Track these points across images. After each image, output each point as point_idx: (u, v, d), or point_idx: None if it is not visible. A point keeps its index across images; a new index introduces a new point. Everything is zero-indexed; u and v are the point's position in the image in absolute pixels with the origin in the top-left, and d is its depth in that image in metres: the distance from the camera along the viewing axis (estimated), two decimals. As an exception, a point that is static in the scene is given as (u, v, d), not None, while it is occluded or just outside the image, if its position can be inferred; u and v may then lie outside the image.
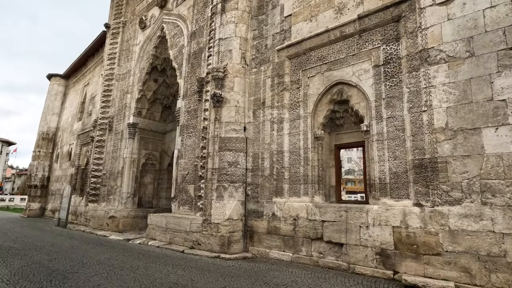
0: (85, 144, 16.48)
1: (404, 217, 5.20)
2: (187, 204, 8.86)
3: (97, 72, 17.75)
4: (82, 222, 13.42)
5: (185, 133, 9.51)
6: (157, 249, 8.12)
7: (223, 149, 7.89)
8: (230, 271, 5.74)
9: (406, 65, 5.62)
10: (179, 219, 8.47)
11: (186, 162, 9.23)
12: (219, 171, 7.80)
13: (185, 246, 8.00)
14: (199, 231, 7.79)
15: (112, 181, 12.68)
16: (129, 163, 12.39)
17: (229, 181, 7.70)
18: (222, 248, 7.20)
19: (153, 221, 9.35)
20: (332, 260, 5.98)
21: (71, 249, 7.96)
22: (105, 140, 13.55)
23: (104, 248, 8.20)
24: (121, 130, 12.95)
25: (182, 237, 8.23)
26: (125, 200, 12.10)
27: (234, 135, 7.95)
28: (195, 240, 7.82)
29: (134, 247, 8.47)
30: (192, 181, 8.80)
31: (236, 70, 8.29)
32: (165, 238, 8.75)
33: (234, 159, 7.83)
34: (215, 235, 7.38)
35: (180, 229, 8.36)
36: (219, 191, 7.69)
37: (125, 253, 7.52)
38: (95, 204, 13.12)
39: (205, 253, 7.27)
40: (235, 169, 7.79)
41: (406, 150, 5.44)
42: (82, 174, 16.51)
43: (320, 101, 6.94)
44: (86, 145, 16.32)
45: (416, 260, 4.98)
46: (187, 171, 9.12)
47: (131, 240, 9.55)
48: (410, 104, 5.47)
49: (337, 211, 6.05)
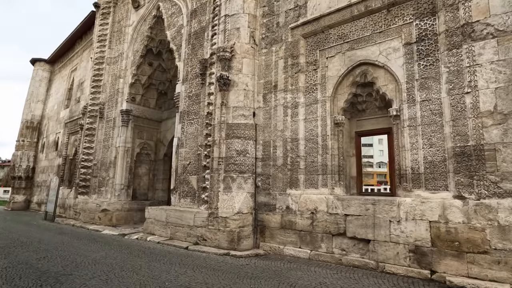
0: (73, 132, 15.48)
1: (444, 211, 4.67)
2: (189, 197, 8.18)
3: (85, 57, 16.64)
4: (71, 216, 12.57)
5: (186, 120, 8.77)
6: (158, 245, 7.44)
7: (231, 137, 7.21)
8: (246, 271, 5.13)
9: (445, 42, 5.02)
10: (181, 212, 7.79)
11: (188, 151, 8.52)
12: (227, 161, 7.13)
13: (189, 242, 7.34)
14: (204, 225, 7.13)
15: (104, 172, 11.85)
16: (122, 153, 11.56)
17: (238, 171, 7.04)
18: (231, 244, 6.58)
19: (152, 214, 8.64)
20: (357, 258, 5.44)
21: (61, 245, 7.20)
22: (96, 128, 12.64)
23: (98, 244, 7.47)
24: (113, 118, 12.07)
25: (185, 232, 7.56)
26: (119, 192, 11.32)
27: (242, 121, 7.26)
28: (200, 236, 7.18)
29: (131, 243, 7.77)
30: (195, 172, 8.11)
31: (244, 50, 7.57)
32: (165, 233, 8.07)
33: (243, 148, 7.16)
34: (223, 230, 6.74)
35: (182, 223, 7.69)
36: (227, 182, 7.03)
37: (123, 250, 6.82)
38: (85, 196, 12.28)
39: (212, 249, 6.64)
40: (244, 158, 7.13)
41: (444, 136, 4.89)
42: (70, 164, 15.56)
43: (341, 83, 6.31)
44: (74, 134, 15.33)
45: (457, 259, 4.47)
46: (188, 161, 8.41)
47: (127, 235, 8.83)
48: (449, 86, 4.90)
49: (363, 204, 5.49)
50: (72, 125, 15.72)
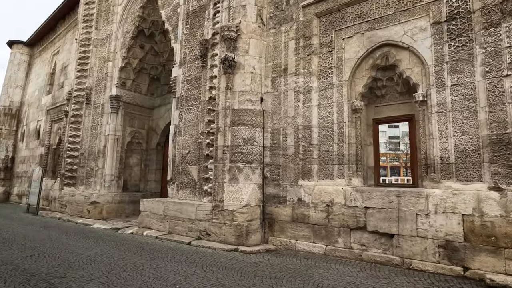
0: (56, 120, 14.49)
1: (478, 203, 4.33)
2: (188, 188, 7.62)
3: (69, 39, 15.52)
4: (57, 208, 11.78)
5: (185, 106, 8.13)
6: (157, 240, 6.88)
7: (237, 124, 6.66)
8: (262, 270, 4.67)
9: (480, 20, 4.62)
10: (181, 205, 7.23)
11: (186, 139, 7.92)
12: (232, 150, 6.59)
13: (190, 236, 6.82)
14: (208, 219, 6.62)
15: (92, 161, 11.08)
16: (112, 142, 10.81)
17: (245, 161, 6.53)
18: (239, 239, 6.11)
19: (148, 207, 8.04)
20: (379, 254, 5.07)
21: (49, 242, 6.54)
22: (82, 115, 11.78)
23: (91, 240, 6.85)
24: (102, 104, 11.25)
25: (186, 226, 7.03)
26: (109, 184, 10.61)
27: (249, 107, 6.72)
28: (203, 230, 6.67)
29: (127, 238, 7.18)
30: (195, 161, 7.54)
31: (251, 30, 6.97)
32: (163, 227, 7.51)
33: (250, 135, 6.63)
34: (229, 224, 6.25)
35: (182, 216, 7.14)
36: (233, 173, 6.51)
37: (119, 246, 6.24)
38: (71, 188, 11.50)
39: (217, 245, 6.15)
40: (252, 147, 6.61)
41: (478, 123, 4.52)
42: (54, 154, 14.61)
43: (359, 66, 5.85)
44: (58, 122, 14.35)
45: (494, 255, 4.16)
46: (187, 150, 7.82)
47: (121, 229, 8.21)
48: (485, 68, 4.51)
49: (386, 196, 5.10)
50: (55, 112, 14.71)
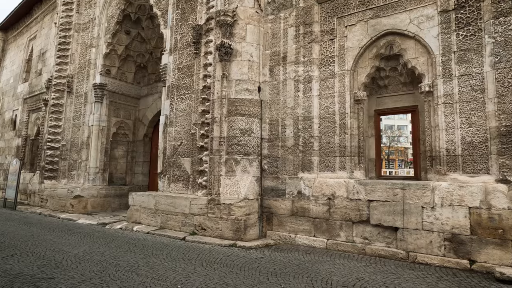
0: (34, 109, 13.68)
1: (486, 196, 4.27)
2: (181, 181, 7.30)
3: (46, 23, 14.59)
4: (37, 203, 11.16)
5: (176, 95, 7.74)
6: (149, 236, 6.56)
7: (234, 114, 6.37)
8: (266, 267, 4.48)
9: (490, 9, 4.50)
10: (174, 199, 6.92)
11: (178, 130, 7.56)
12: (229, 141, 6.32)
13: (184, 231, 6.54)
14: (203, 213, 6.35)
15: (75, 153, 10.52)
16: (96, 133, 10.26)
17: (242, 152, 6.27)
18: (237, 234, 5.88)
19: (137, 201, 7.67)
20: (382, 247, 4.98)
21: (31, 239, 6.10)
22: (64, 105, 11.13)
23: (77, 236, 6.45)
24: (85, 93, 10.64)
25: (179, 221, 6.74)
26: (93, 177, 10.10)
27: (247, 97, 6.44)
28: (198, 225, 6.40)
29: (116, 234, 6.81)
30: (188, 153, 7.22)
31: (248, 15, 6.64)
32: (155, 221, 7.18)
33: (247, 126, 6.37)
34: (226, 219, 6.01)
35: (175, 211, 6.84)
36: (229, 165, 6.25)
37: (109, 243, 5.88)
38: (53, 181, 10.90)
39: (214, 240, 5.90)
40: (249, 139, 6.35)
41: (486, 115, 4.45)
42: (32, 145, 13.83)
43: (362, 55, 5.67)
44: (36, 111, 13.56)
45: (501, 248, 4.12)
46: (179, 141, 7.48)
47: (108, 224, 7.81)
48: (495, 58, 4.42)
49: (390, 189, 4.99)
50: (33, 101, 13.88)
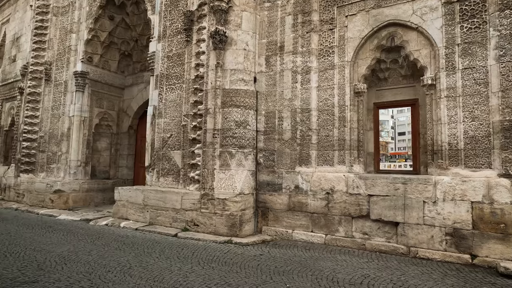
0: (8, 98, 12.82)
1: (488, 190, 4.25)
2: (170, 175, 6.98)
3: (21, 6, 13.63)
4: (12, 198, 10.50)
5: (165, 85, 7.37)
6: (137, 232, 6.23)
7: (228, 105, 6.10)
8: (266, 264, 4.29)
9: (495, 2, 4.44)
10: (164, 193, 6.60)
11: (168, 122, 7.21)
12: (223, 133, 6.05)
13: (175, 227, 6.26)
14: (196, 208, 6.09)
15: (55, 146, 9.92)
16: (78, 124, 9.70)
17: (237, 145, 6.03)
18: (232, 230, 5.67)
19: (124, 196, 7.29)
20: (383, 242, 4.91)
21: (8, 237, 5.65)
22: (41, 93, 10.47)
23: (60, 234, 6.04)
24: (65, 81, 10.01)
25: (170, 217, 6.45)
26: (75, 170, 9.57)
27: (242, 87, 6.17)
28: (190, 220, 6.13)
29: (101, 230, 6.43)
30: (178, 146, 6.89)
31: (244, 1, 6.34)
32: (143, 217, 6.85)
33: (243, 118, 6.12)
34: (221, 214, 5.78)
35: (165, 206, 6.54)
36: (224, 159, 6.00)
37: (95, 241, 5.53)
38: (30, 175, 10.27)
39: (208, 236, 5.67)
40: (244, 131, 6.11)
41: (490, 109, 4.41)
42: (5, 137, 13.00)
43: (363, 47, 5.52)
44: (10, 100, 12.71)
45: (503, 242, 4.12)
46: (169, 133, 7.14)
47: (92, 220, 7.40)
48: (499, 52, 4.37)
49: (391, 183, 4.91)
50: (6, 89, 12.99)
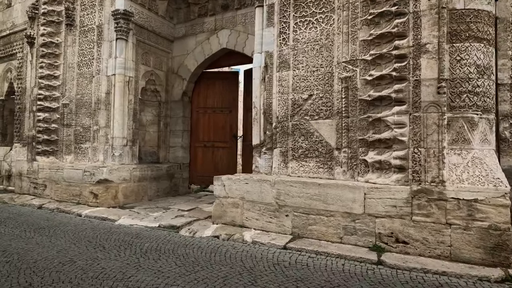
0: (3, 57, 9.55)
1: None
2: (311, 158, 4.43)
3: None
4: (26, 190, 7.63)
5: (294, 18, 4.67)
6: (294, 256, 3.66)
7: (463, 38, 3.51)
8: None
9: None
10: (324, 188, 4.04)
11: (303, 75, 4.58)
12: (455, 87, 3.51)
13: (350, 243, 3.78)
14: (400, 215, 3.60)
15: (86, 117, 7.05)
16: (121, 86, 6.82)
17: (480, 108, 3.50)
18: (494, 255, 3.21)
19: (235, 190, 4.68)
20: None
21: (81, 273, 2.99)
22: (61, 44, 7.46)
23: (156, 262, 3.42)
24: (97, 26, 7.02)
25: (336, 226, 3.94)
26: (120, 151, 6.78)
27: (484, 7, 3.56)
28: (387, 234, 3.65)
29: (221, 251, 3.82)
30: (328, 112, 4.32)
31: None
32: (278, 225, 4.31)
33: (486, 62, 3.54)
34: (465, 226, 3.32)
35: (327, 209, 4.00)
36: (457, 130, 3.48)
37: (235, 278, 2.97)
38: (50, 157, 7.41)
39: (433, 263, 3.22)
40: (489, 84, 3.57)
41: None
42: (2, 109, 9.87)
43: None
44: (5, 60, 9.48)
45: None
46: (307, 93, 4.53)
47: (182, 228, 4.76)
48: None
49: None
50: (2, 43, 9.69)
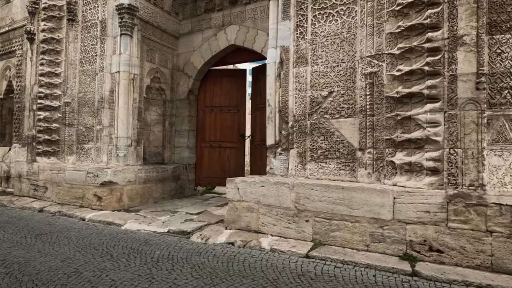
0: (4, 54, 9.25)
1: None
2: (332, 159, 4.15)
3: None
4: (26, 192, 7.33)
5: (312, 10, 4.39)
6: (319, 265, 3.38)
7: (504, 29, 3.21)
8: None
9: None
10: (348, 191, 3.76)
11: (322, 71, 4.30)
12: (494, 82, 3.23)
13: (378, 251, 3.49)
14: (435, 221, 3.31)
15: (89, 116, 6.76)
16: (126, 84, 6.53)
17: (522, 105, 3.24)
18: (539, 265, 2.96)
19: (250, 193, 4.39)
20: None
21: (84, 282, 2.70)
22: (63, 40, 7.17)
23: (169, 273, 3.13)
24: (101, 21, 6.73)
25: (362, 232, 3.64)
26: (124, 152, 6.48)
27: (526, -5, 3.30)
28: (419, 242, 3.35)
29: (238, 259, 3.53)
30: (350, 111, 4.05)
31: None
32: (297, 231, 4.02)
33: (527, 54, 3.29)
34: (509, 235, 3.03)
35: (352, 214, 3.71)
36: (498, 129, 3.20)
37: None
38: (51, 158, 7.12)
39: (476, 275, 2.94)
40: (530, 78, 3.31)
41: None
42: (1, 107, 9.56)
43: None
44: (4, 58, 9.16)
45: None
46: (327, 90, 4.25)
47: (193, 234, 4.47)
48: None
49: None
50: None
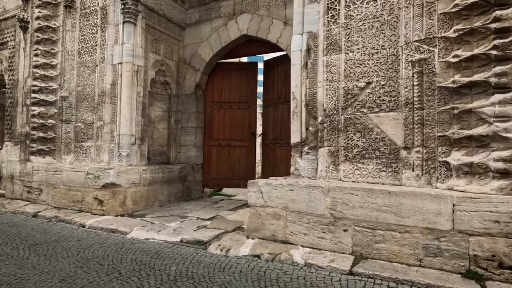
0: (-6, 45, 8.59)
1: None
2: (370, 159, 3.64)
3: None
4: (19, 194, 6.72)
5: (348, -11, 3.86)
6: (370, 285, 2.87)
7: None
8: None
9: None
10: (396, 197, 3.23)
11: (358, 59, 3.78)
12: None
13: (432, 267, 2.98)
14: (506, 233, 2.81)
15: (88, 112, 6.18)
16: (129, 76, 5.95)
17: None
18: None
19: (275, 198, 3.84)
20: None
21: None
22: (59, 29, 6.57)
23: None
24: (101, 7, 6.14)
25: (413, 245, 3.12)
26: (127, 151, 5.91)
27: None
28: (486, 257, 2.83)
29: (271, 277, 3.01)
30: (391, 104, 3.53)
31: None
32: (333, 243, 3.49)
33: None
34: None
35: (401, 223, 3.19)
36: None
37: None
38: (47, 158, 6.52)
39: None
40: None
41: None
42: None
43: None
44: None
45: None
46: (364, 81, 3.73)
47: (210, 244, 3.93)
48: None
49: None
50: (-10, 31, 8.73)
